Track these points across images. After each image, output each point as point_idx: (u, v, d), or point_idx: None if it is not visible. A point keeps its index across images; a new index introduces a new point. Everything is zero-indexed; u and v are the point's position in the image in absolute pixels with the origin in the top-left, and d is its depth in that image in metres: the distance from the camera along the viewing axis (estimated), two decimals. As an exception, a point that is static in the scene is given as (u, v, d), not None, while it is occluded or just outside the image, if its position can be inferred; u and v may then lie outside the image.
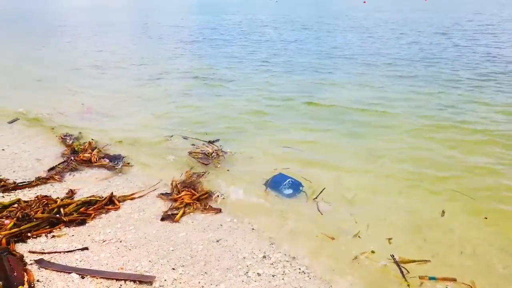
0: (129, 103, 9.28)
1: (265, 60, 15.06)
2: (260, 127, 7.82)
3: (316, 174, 5.73)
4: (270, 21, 38.15)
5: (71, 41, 22.11)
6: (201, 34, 25.75)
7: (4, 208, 4.33)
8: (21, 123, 7.85)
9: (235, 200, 5.00)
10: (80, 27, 32.15)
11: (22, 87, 10.72)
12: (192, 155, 6.25)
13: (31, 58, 16.25)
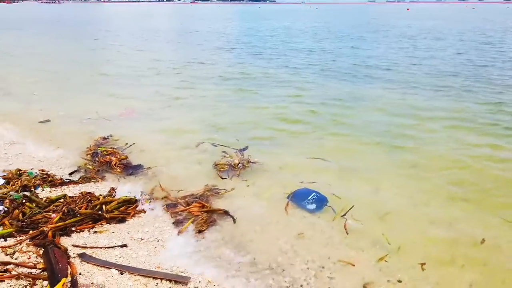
0: (165, 107, 9.40)
1: (301, 67, 15.00)
2: (293, 136, 7.62)
3: (348, 189, 5.44)
4: (308, 28, 38.08)
5: (116, 45, 23.03)
6: (239, 40, 26.11)
7: (51, 203, 4.55)
8: (56, 123, 8.03)
9: (250, 217, 4.65)
10: (124, 32, 33.41)
11: (68, 89, 11.19)
12: (217, 166, 5.96)
13: (78, 61, 17.04)
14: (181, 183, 5.39)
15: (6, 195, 4.70)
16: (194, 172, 5.86)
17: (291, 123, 8.31)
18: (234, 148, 6.67)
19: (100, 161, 6.01)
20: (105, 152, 6.26)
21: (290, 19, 59.89)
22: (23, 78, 12.67)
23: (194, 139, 7.17)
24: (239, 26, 43.57)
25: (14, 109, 8.97)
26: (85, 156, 6.25)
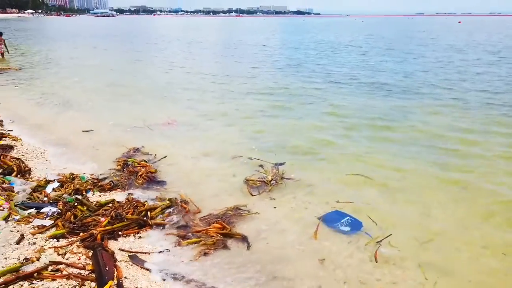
0: (206, 119, 9.49)
1: (344, 82, 14.71)
2: (332, 152, 7.32)
3: (388, 210, 5.11)
4: (353, 41, 37.63)
5: (163, 57, 23.95)
6: (281, 53, 26.28)
7: (100, 207, 4.75)
8: (100, 132, 8.29)
9: (271, 243, 4.34)
10: (172, 44, 34.64)
11: (120, 99, 11.73)
12: (248, 182, 5.77)
13: (129, 72, 17.87)
14: (210, 198, 5.30)
15: (60, 198, 4.97)
16: (226, 186, 5.74)
17: (331, 139, 8.04)
18: (270, 163, 6.53)
19: (129, 170, 6.07)
20: (136, 164, 6.32)
21: (334, 32, 59.53)
22: (81, 88, 13.41)
23: (231, 152, 7.12)
24: (282, 39, 43.87)
25: (66, 118, 9.50)
26: (115, 166, 6.33)
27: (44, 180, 5.52)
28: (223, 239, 4.27)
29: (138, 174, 5.93)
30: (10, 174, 5.64)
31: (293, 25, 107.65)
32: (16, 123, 8.56)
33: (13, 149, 6.72)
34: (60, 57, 23.15)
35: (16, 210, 4.56)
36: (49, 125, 8.76)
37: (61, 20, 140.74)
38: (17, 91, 12.64)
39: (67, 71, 17.35)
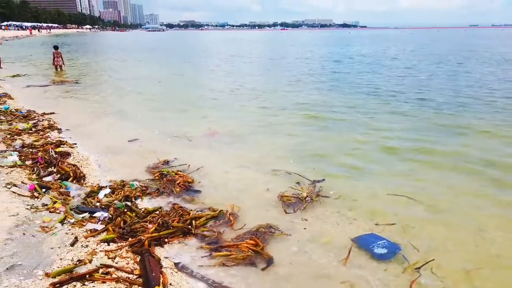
0: (246, 131, 9.53)
1: (390, 96, 14.29)
2: (376, 169, 6.95)
3: (433, 234, 4.74)
4: (401, 55, 36.68)
5: (209, 70, 24.60)
6: (325, 67, 26.10)
7: (148, 214, 4.91)
8: (143, 142, 8.57)
9: (297, 264, 4.15)
10: (217, 57, 35.48)
11: (166, 110, 12.16)
12: (283, 198, 5.64)
13: (176, 84, 18.50)
14: (245, 212, 5.25)
15: (111, 204, 5.20)
16: (262, 201, 5.65)
17: (373, 156, 7.70)
18: (308, 179, 6.37)
19: (167, 179, 6.21)
20: (173, 173, 6.46)
21: (381, 45, 58.35)
22: (131, 99, 14.09)
23: (269, 165, 7.08)
24: (326, 52, 43.62)
25: (117, 126, 9.97)
26: (154, 175, 6.48)
27: (97, 186, 5.81)
28: (253, 256, 4.21)
29: (176, 182, 6.08)
30: (67, 179, 5.98)
31: (338, 38, 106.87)
32: (73, 131, 9.08)
33: (70, 156, 7.14)
34: (112, 69, 24.46)
35: (71, 213, 4.82)
36: (103, 133, 9.22)
37: (115, 35, 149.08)
38: (74, 101, 13.45)
39: (119, 82, 18.27)
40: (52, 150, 7.08)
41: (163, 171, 6.57)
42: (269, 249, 4.36)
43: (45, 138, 8.13)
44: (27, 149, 7.27)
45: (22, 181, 5.73)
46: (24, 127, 8.80)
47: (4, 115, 9.98)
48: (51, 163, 6.50)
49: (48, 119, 9.93)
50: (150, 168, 6.83)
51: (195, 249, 4.34)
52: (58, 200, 5.15)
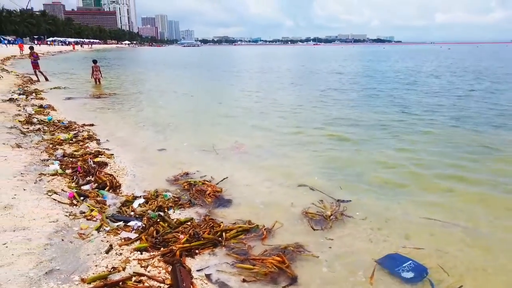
0: (274, 146, 9.51)
1: (425, 112, 13.87)
2: (407, 190, 6.67)
3: (465, 260, 4.49)
4: (437, 70, 35.78)
5: (244, 84, 24.93)
6: (358, 82, 25.87)
7: (180, 224, 5.00)
8: (170, 151, 8.92)
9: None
10: (251, 72, 35.89)
11: (197, 123, 12.41)
12: (308, 215, 5.57)
13: (206, 98, 18.84)
14: (269, 226, 5.21)
15: (144, 213, 5.33)
16: (287, 216, 5.58)
17: (404, 176, 7.38)
18: (332, 197, 6.22)
19: (196, 189, 6.33)
20: (200, 183, 6.60)
21: (416, 60, 57.20)
22: (165, 112, 14.49)
23: (295, 180, 7.01)
24: (359, 66, 43.21)
25: (151, 138, 10.28)
26: (181, 186, 6.63)
27: (132, 195, 5.98)
28: (277, 272, 4.16)
29: (206, 193, 6.18)
30: (104, 188, 6.20)
31: (372, 52, 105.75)
32: (111, 142, 9.41)
33: (107, 165, 7.40)
34: (148, 83, 25.31)
35: (107, 222, 4.98)
36: (138, 144, 9.51)
37: (152, 50, 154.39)
38: (111, 113, 13.97)
39: (153, 96, 18.85)
40: (90, 160, 7.37)
41: (191, 181, 6.71)
42: (295, 267, 4.29)
43: (85, 148, 8.47)
44: (67, 158, 7.60)
45: (62, 189, 5.99)
46: (66, 138, 9.21)
47: (48, 126, 10.50)
48: (90, 172, 6.76)
49: (87, 130, 10.35)
50: (179, 179, 6.96)
51: (224, 261, 4.35)
52: (95, 208, 5.33)
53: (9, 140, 8.33)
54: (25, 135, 9.18)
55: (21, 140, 8.56)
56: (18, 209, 4.97)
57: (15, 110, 12.30)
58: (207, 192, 6.21)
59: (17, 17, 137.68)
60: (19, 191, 5.56)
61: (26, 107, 13.07)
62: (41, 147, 8.30)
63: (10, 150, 7.56)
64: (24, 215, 4.84)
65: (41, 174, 6.47)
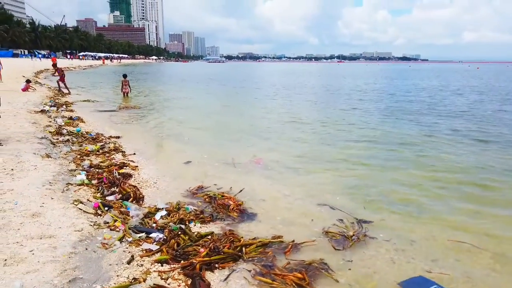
0: (293, 162, 9.46)
1: (450, 132, 13.55)
2: (432, 211, 6.49)
3: (489, 285, 4.36)
4: (462, 88, 35.08)
5: (263, 99, 25.07)
6: (381, 99, 25.61)
7: (200, 238, 5.02)
8: (193, 164, 9.09)
9: None
10: (273, 88, 36.09)
11: (218, 137, 12.60)
12: (328, 234, 5.48)
13: (229, 112, 19.03)
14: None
15: (166, 225, 5.39)
16: (308, 234, 5.50)
17: (429, 197, 7.15)
18: (354, 217, 6.09)
19: (218, 203, 6.37)
20: (220, 196, 6.65)
21: (443, 79, 56.19)
22: (188, 125, 14.76)
23: (314, 197, 6.95)
24: (383, 84, 42.81)
25: (174, 150, 10.48)
26: (201, 198, 6.73)
27: (155, 207, 6.07)
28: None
29: (230, 207, 6.22)
30: (127, 199, 6.32)
31: (397, 70, 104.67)
32: (136, 154, 9.60)
33: (131, 177, 7.56)
34: (173, 97, 25.87)
35: (130, 233, 5.06)
36: (161, 157, 9.71)
37: (178, 65, 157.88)
38: (137, 126, 14.31)
39: (177, 109, 19.26)
40: (116, 171, 7.55)
41: (211, 194, 6.78)
42: (315, 285, 4.21)
43: (110, 160, 8.68)
44: (94, 169, 7.80)
45: (88, 199, 6.14)
46: (93, 149, 9.48)
47: (76, 137, 10.84)
48: (114, 183, 6.91)
49: (113, 142, 10.62)
50: (199, 191, 7.05)
51: (244, 275, 4.33)
52: (119, 219, 5.43)
53: (39, 150, 8.62)
54: (55, 146, 9.50)
55: (51, 151, 8.85)
56: (45, 217, 5.12)
57: (46, 121, 12.77)
58: (231, 206, 6.24)
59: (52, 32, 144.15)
60: (47, 200, 5.74)
61: (57, 118, 13.55)
62: (69, 157, 8.57)
63: (40, 160, 7.82)
64: (51, 223, 4.97)
65: (69, 184, 6.66)
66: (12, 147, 8.62)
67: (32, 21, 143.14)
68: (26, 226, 4.82)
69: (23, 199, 5.65)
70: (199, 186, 7.32)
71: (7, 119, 12.00)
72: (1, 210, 5.22)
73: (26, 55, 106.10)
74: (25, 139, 9.49)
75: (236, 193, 6.90)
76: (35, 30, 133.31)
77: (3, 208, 5.28)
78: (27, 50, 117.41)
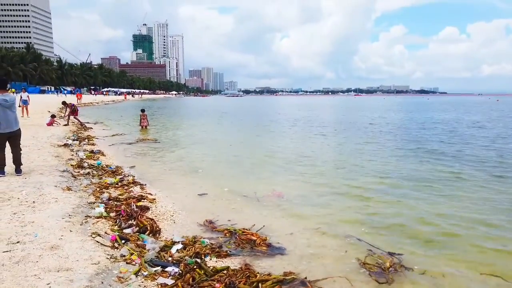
0: (315, 195, 9.37)
1: (475, 161, 13.43)
2: (465, 244, 6.37)
3: None
4: (484, 120, 34.57)
5: (281, 132, 25.20)
6: (398, 132, 25.34)
7: (216, 272, 4.95)
8: (211, 197, 9.10)
9: None
10: (290, 121, 36.29)
11: (238, 170, 12.63)
12: (365, 266, 5.38)
13: (247, 146, 19.16)
14: (326, 280, 5.01)
15: (182, 259, 5.35)
16: (341, 268, 5.40)
17: (461, 229, 7.00)
18: (382, 250, 5.97)
19: (241, 238, 6.30)
20: (240, 232, 6.55)
21: (464, 112, 55.52)
22: (206, 158, 14.89)
23: (338, 230, 6.86)
24: (400, 117, 42.49)
25: (191, 183, 10.47)
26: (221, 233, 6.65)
27: (171, 240, 6.05)
28: None
29: (256, 242, 6.13)
30: (144, 232, 6.33)
31: (415, 103, 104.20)
32: (154, 186, 9.71)
33: (149, 210, 7.60)
34: (190, 130, 26.24)
35: (146, 266, 5.04)
36: (179, 189, 9.74)
37: (197, 100, 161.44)
38: (155, 158, 14.51)
39: (194, 143, 19.50)
40: (133, 204, 7.62)
41: (231, 229, 6.71)
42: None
43: (129, 192, 8.79)
44: (112, 201, 7.90)
45: (105, 232, 6.18)
46: (112, 182, 9.64)
47: (96, 170, 11.06)
48: (132, 216, 6.96)
49: (132, 175, 10.78)
50: (217, 225, 7.02)
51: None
52: (135, 252, 5.43)
53: (61, 182, 8.82)
54: (76, 179, 9.71)
55: (71, 183, 9.04)
56: (63, 250, 5.17)
57: (68, 155, 13.11)
58: (257, 241, 6.17)
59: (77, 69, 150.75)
60: (66, 232, 5.81)
61: (79, 152, 13.91)
62: (89, 190, 8.73)
63: (61, 192, 7.98)
64: (69, 256, 5.01)
65: (87, 216, 6.75)
66: (35, 179, 8.85)
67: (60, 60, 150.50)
68: (44, 258, 4.87)
69: (43, 231, 5.74)
70: (215, 220, 7.30)
71: (32, 152, 12.40)
72: (21, 242, 5.31)
73: (52, 91, 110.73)
74: (47, 172, 9.75)
75: (258, 229, 6.81)
76: (61, 67, 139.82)
77: (24, 240, 5.37)
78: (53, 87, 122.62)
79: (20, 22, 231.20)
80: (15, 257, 4.83)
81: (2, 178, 8.83)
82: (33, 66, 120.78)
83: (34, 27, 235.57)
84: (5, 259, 4.77)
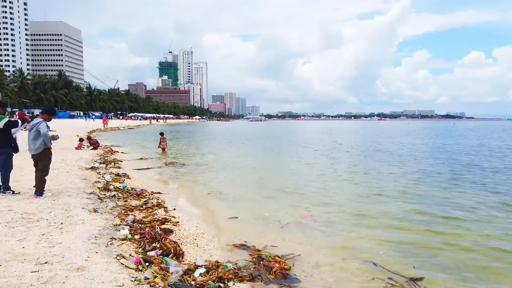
0: (343, 220, 9.26)
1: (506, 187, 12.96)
2: (486, 272, 6.28)
3: None
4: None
5: (302, 157, 25.03)
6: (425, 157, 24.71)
7: (239, 298, 4.88)
8: (237, 221, 9.10)
9: None
10: (313, 146, 36.11)
11: (262, 194, 12.54)
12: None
13: (271, 170, 19.10)
14: None
15: (205, 283, 5.31)
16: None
17: (482, 257, 6.86)
18: (403, 276, 5.90)
19: (263, 264, 6.22)
20: (270, 258, 6.47)
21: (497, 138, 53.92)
22: (231, 183, 14.89)
23: (363, 257, 6.77)
24: (425, 143, 41.50)
25: (216, 208, 10.48)
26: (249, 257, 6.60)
27: (194, 264, 6.02)
28: None
29: (272, 270, 6.00)
30: (168, 255, 6.33)
31: (441, 128, 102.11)
32: (177, 210, 9.77)
33: (172, 232, 7.63)
34: (212, 154, 26.39)
35: (169, 289, 5.02)
36: (202, 212, 9.80)
37: (220, 124, 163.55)
38: (180, 182, 14.64)
39: (218, 167, 19.54)
40: (157, 226, 7.66)
41: (262, 254, 6.64)
42: None
43: (153, 215, 8.86)
44: (137, 224, 7.98)
45: (130, 254, 6.23)
46: (137, 204, 9.76)
47: (122, 193, 11.25)
48: (156, 239, 6.99)
49: (156, 198, 10.90)
50: (242, 249, 6.98)
51: None
52: (159, 275, 5.42)
53: (87, 205, 9.00)
54: (102, 201, 9.89)
55: (98, 206, 9.21)
56: (89, 271, 5.22)
57: (95, 177, 13.42)
58: (274, 269, 6.04)
59: (105, 95, 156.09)
60: (92, 254, 5.88)
61: (105, 175, 14.21)
62: (114, 212, 8.85)
63: (87, 214, 8.14)
64: (94, 277, 5.05)
65: (112, 239, 6.83)
66: (63, 201, 9.07)
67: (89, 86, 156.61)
68: (70, 279, 4.93)
69: (69, 252, 5.83)
70: (241, 244, 7.26)
71: (61, 175, 12.76)
72: (49, 263, 5.40)
73: (81, 116, 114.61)
74: (75, 194, 9.98)
75: (288, 257, 6.70)
76: (91, 93, 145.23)
77: (51, 261, 5.46)
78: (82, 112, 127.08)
79: (54, 51, 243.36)
80: (43, 277, 4.91)
81: (32, 199, 9.13)
82: (64, 92, 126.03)
83: (66, 55, 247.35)
84: (33, 279, 4.85)
